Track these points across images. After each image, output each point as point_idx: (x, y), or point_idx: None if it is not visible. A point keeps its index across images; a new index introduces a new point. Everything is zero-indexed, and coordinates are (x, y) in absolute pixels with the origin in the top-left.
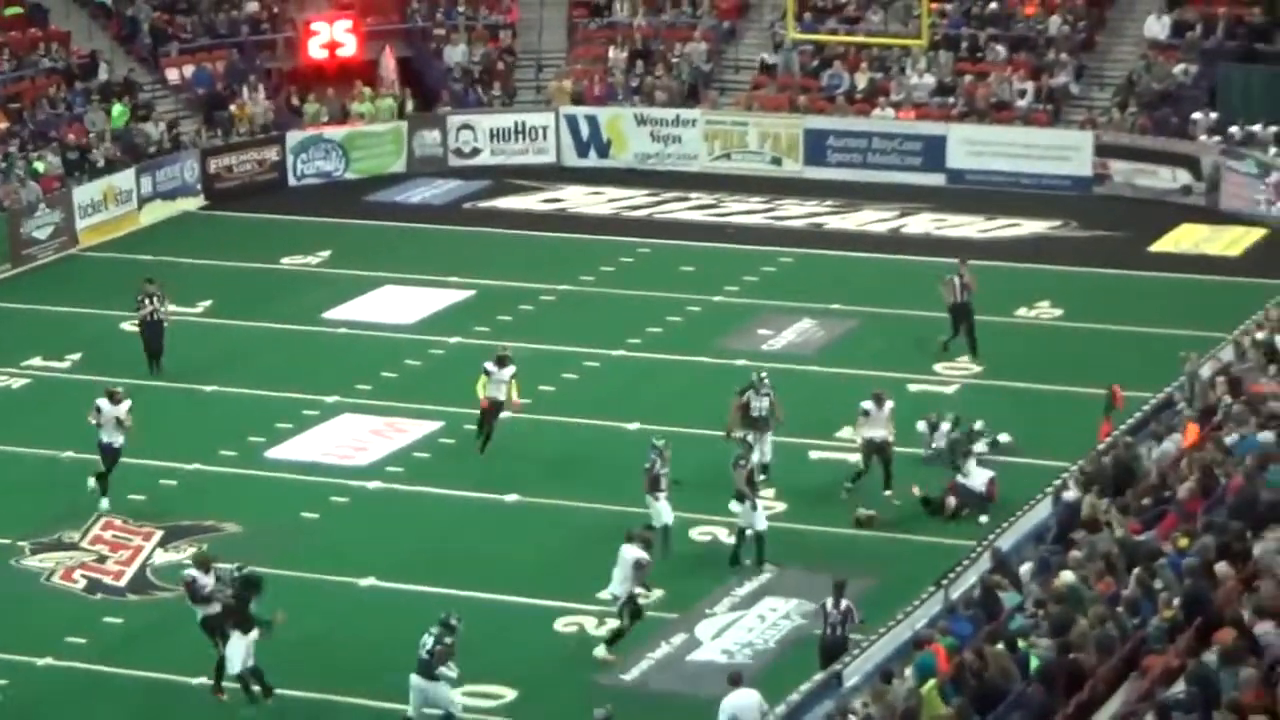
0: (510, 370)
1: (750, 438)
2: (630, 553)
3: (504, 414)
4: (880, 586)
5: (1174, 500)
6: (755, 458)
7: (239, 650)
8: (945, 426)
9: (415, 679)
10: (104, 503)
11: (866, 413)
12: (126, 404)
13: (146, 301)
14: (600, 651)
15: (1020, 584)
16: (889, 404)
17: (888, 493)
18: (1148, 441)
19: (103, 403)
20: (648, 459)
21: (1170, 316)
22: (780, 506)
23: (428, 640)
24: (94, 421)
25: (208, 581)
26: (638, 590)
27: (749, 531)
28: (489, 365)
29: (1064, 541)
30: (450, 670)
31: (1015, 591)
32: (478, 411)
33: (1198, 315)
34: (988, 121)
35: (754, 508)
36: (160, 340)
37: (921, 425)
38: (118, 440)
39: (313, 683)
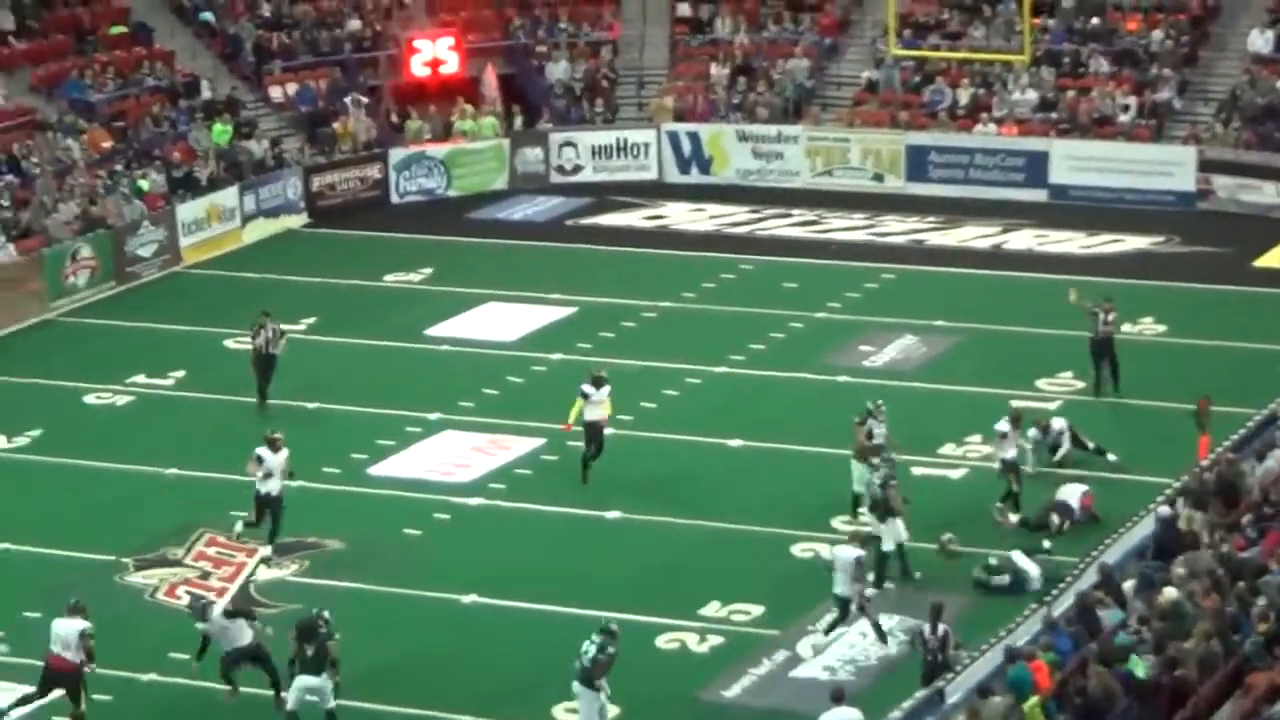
0: (607, 390)
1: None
2: (849, 552)
3: (608, 429)
4: (981, 605)
5: (1278, 517)
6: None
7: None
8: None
9: (576, 686)
10: (266, 550)
11: (1004, 434)
12: (285, 452)
13: (261, 333)
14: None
15: (1124, 600)
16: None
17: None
18: (1250, 459)
19: (264, 452)
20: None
21: (1274, 332)
22: (872, 521)
23: (590, 649)
24: (257, 474)
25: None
26: (863, 589)
27: (889, 547)
28: (586, 387)
29: (1163, 557)
30: (605, 686)
31: (1118, 609)
32: (578, 430)
33: None
34: (1090, 137)
35: (902, 523)
36: (271, 373)
37: (1034, 432)
38: (276, 489)
39: (415, 699)
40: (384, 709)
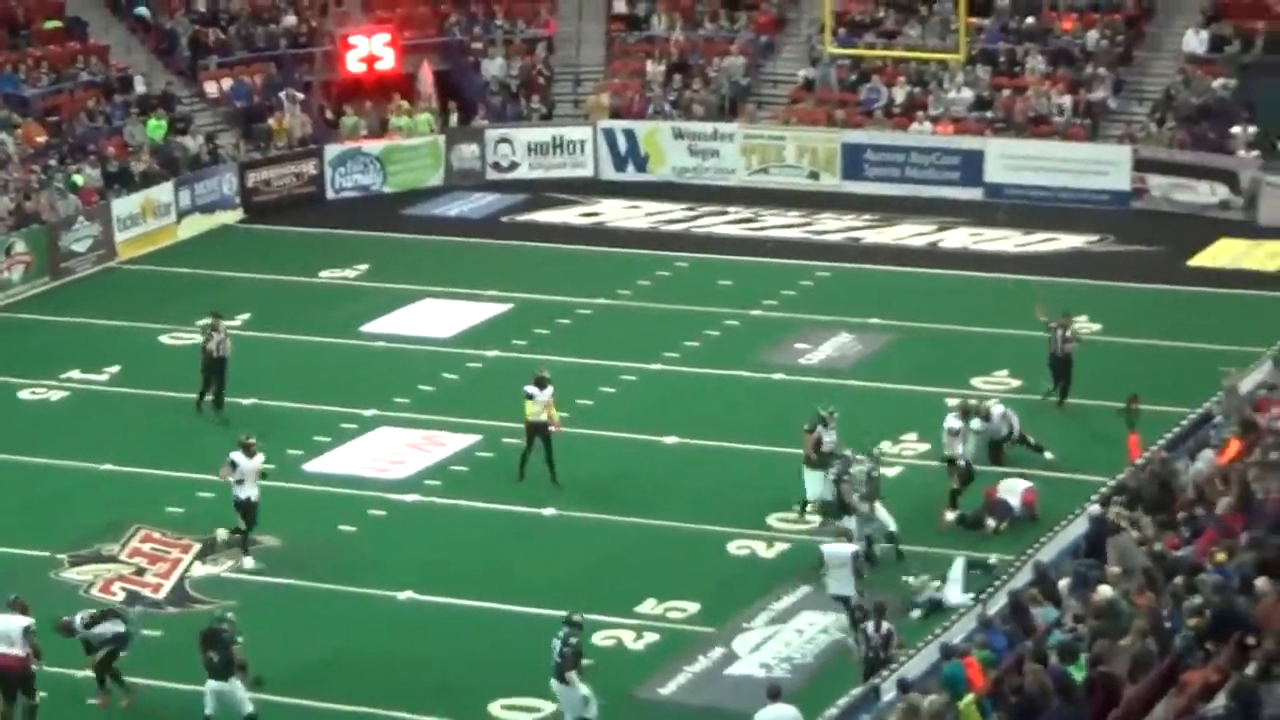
0: (549, 391)
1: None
2: (842, 549)
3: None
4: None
5: (1212, 515)
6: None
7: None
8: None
9: (553, 683)
10: (248, 561)
11: (955, 431)
12: (260, 457)
13: (213, 335)
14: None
15: (1059, 599)
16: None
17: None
18: (1184, 458)
19: (238, 456)
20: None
21: (1208, 331)
22: (818, 520)
23: (555, 644)
24: (231, 479)
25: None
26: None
27: (871, 537)
28: (529, 388)
29: (1095, 556)
30: (579, 680)
31: (1052, 606)
32: (516, 426)
33: (1236, 330)
34: (1025, 136)
35: (872, 514)
36: (223, 376)
37: (976, 423)
38: (255, 494)
39: (350, 696)
40: (318, 705)
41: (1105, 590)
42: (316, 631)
